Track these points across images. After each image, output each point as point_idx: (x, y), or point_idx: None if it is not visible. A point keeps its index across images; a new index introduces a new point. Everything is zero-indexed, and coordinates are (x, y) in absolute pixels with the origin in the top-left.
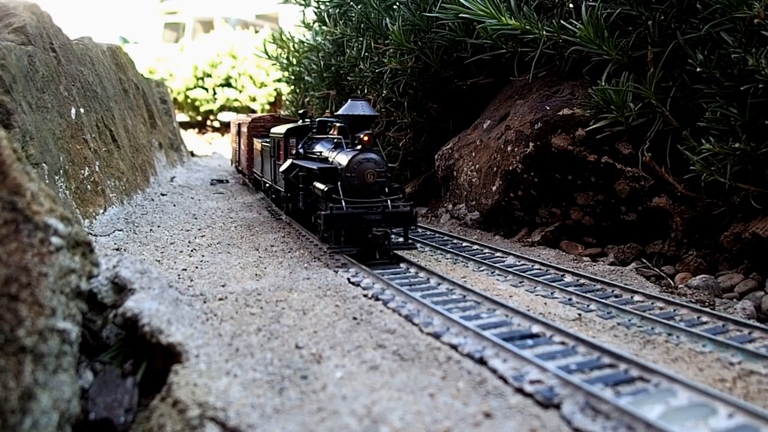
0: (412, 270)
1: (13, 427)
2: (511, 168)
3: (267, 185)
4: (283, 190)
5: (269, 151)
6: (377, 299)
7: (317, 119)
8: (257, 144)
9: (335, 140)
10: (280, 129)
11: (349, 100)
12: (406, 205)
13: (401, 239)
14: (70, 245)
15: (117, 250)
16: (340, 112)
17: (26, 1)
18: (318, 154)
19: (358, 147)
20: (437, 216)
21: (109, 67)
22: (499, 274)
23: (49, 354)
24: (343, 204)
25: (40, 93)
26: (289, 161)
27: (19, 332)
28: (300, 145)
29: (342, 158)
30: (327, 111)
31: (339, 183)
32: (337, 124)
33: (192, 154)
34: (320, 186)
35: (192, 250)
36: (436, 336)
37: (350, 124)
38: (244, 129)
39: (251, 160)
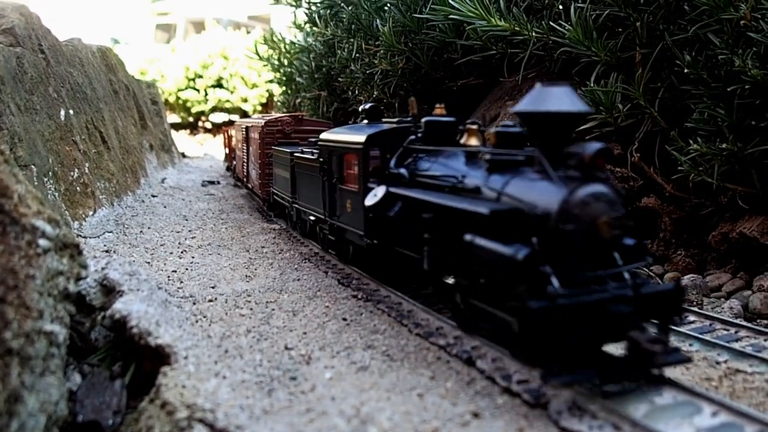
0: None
1: (0, 429)
2: None
3: (311, 218)
4: (362, 232)
5: (318, 167)
6: None
7: (425, 119)
8: (281, 155)
9: (490, 157)
10: (348, 135)
11: (537, 86)
12: (667, 280)
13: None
14: (58, 247)
15: (106, 251)
16: (522, 107)
17: (15, 3)
18: (449, 180)
19: (572, 173)
20: None
21: (99, 69)
22: None
23: (37, 356)
24: (556, 284)
25: (29, 94)
26: (380, 190)
27: (5, 335)
28: (394, 162)
29: (544, 195)
30: (439, 106)
31: (541, 241)
32: (480, 129)
33: (183, 155)
34: (502, 249)
35: (182, 252)
36: (425, 337)
37: (541, 128)
38: (255, 134)
39: (268, 176)
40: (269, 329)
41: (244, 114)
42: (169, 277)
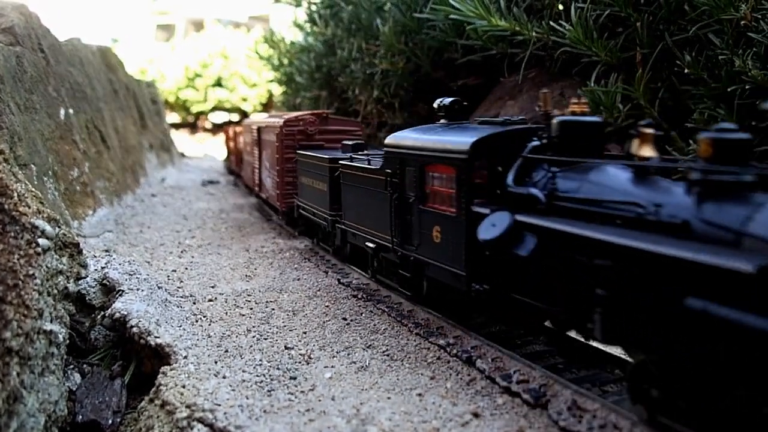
0: None
1: None
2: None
3: (370, 245)
4: (462, 272)
5: (385, 181)
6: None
7: (560, 119)
8: (314, 161)
9: (700, 177)
10: (436, 140)
11: None
12: None
13: None
14: (58, 246)
15: (106, 251)
16: None
17: (14, 2)
18: (626, 210)
19: None
20: None
21: (98, 68)
22: None
23: (36, 356)
24: None
25: (29, 94)
26: (501, 218)
27: (5, 334)
28: (512, 177)
29: None
30: (577, 102)
31: None
32: (656, 133)
33: (183, 155)
34: None
35: (182, 252)
36: (425, 336)
37: None
38: (270, 136)
39: (288, 185)
40: (269, 329)
41: (244, 114)
42: (168, 276)
